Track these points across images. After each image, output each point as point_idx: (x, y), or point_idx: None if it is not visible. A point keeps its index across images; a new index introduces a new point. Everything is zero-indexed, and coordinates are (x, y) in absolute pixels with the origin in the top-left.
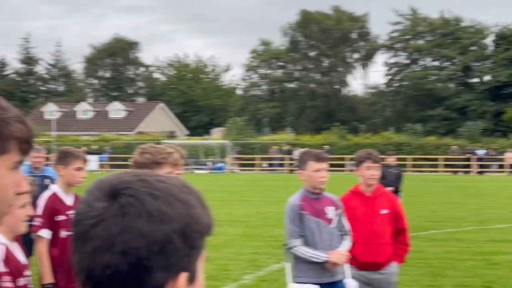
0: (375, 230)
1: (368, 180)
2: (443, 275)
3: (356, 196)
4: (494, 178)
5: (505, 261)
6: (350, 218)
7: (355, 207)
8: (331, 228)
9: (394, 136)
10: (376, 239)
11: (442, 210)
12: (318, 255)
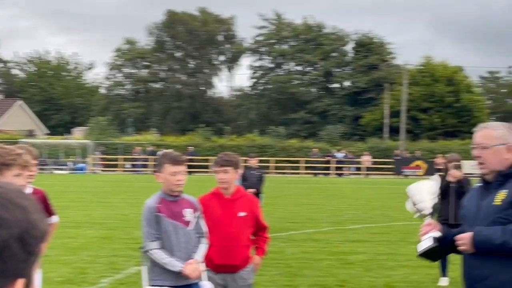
0: (232, 232)
1: (218, 183)
2: (300, 275)
3: (216, 198)
4: (351, 180)
5: (358, 260)
6: (208, 220)
7: (213, 208)
8: (189, 231)
9: (258, 139)
10: (232, 241)
11: (302, 211)
12: (172, 264)
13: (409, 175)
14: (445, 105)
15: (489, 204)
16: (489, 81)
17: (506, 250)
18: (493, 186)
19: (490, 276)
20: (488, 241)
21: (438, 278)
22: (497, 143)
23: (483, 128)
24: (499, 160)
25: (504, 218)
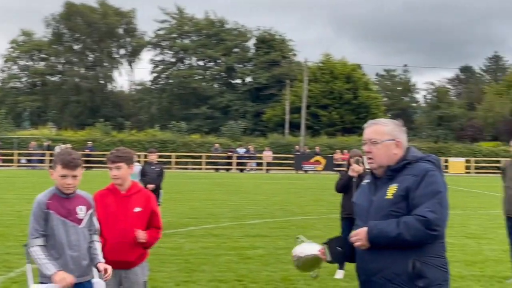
0: (126, 228)
1: (112, 179)
2: (198, 270)
3: (111, 193)
4: (252, 176)
5: (257, 255)
6: (103, 216)
7: (108, 204)
8: (80, 229)
9: (159, 134)
10: (127, 237)
11: (202, 207)
12: (46, 267)
13: (309, 170)
14: (343, 101)
15: (381, 198)
16: (385, 79)
17: (401, 242)
18: (383, 181)
19: (385, 269)
20: (383, 234)
21: (335, 270)
22: (386, 139)
23: (373, 124)
24: (388, 155)
25: (396, 211)
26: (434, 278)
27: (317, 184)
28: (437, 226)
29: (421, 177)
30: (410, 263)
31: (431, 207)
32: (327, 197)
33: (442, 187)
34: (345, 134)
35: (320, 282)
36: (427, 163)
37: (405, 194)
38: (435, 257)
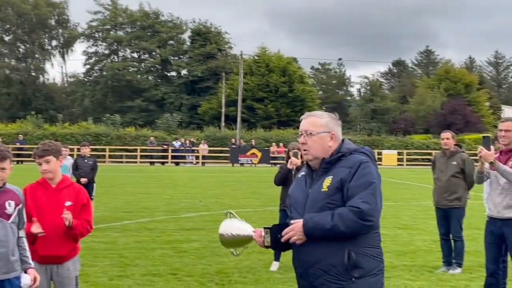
0: (57, 222)
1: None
2: (132, 264)
3: (41, 187)
4: (188, 169)
5: (192, 248)
6: (34, 210)
7: (39, 198)
8: (8, 224)
9: (93, 127)
10: (57, 231)
11: (137, 200)
12: None
13: (245, 163)
14: (279, 95)
15: (316, 191)
16: (320, 72)
17: (336, 234)
18: (318, 173)
19: (321, 261)
20: (318, 227)
21: (270, 263)
22: (321, 131)
23: (309, 116)
24: (323, 147)
25: (331, 203)
26: (369, 268)
27: (253, 177)
28: (371, 217)
29: (355, 168)
30: (345, 254)
31: (364, 198)
32: (263, 190)
33: (376, 178)
34: (281, 127)
35: (255, 274)
36: (361, 155)
37: (340, 186)
38: (370, 247)
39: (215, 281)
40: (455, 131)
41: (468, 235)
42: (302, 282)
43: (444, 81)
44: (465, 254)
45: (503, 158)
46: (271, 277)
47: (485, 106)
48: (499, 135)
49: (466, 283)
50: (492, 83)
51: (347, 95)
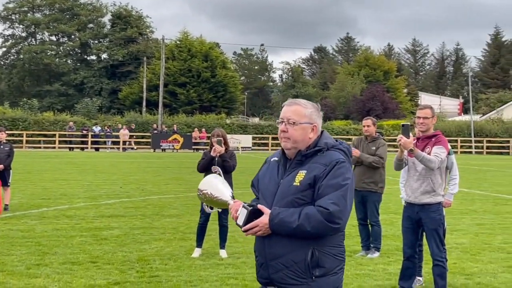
0: None
1: None
2: (51, 253)
3: None
4: (108, 155)
5: (112, 236)
6: None
7: None
8: None
9: (9, 111)
10: None
11: (56, 187)
12: None
13: (167, 149)
14: (201, 80)
15: (287, 184)
16: (243, 57)
17: (301, 233)
18: (292, 165)
19: (283, 255)
20: (284, 224)
21: (192, 249)
22: (304, 121)
23: (294, 104)
24: (303, 138)
25: (301, 199)
26: (331, 267)
27: (175, 163)
28: (338, 219)
29: (330, 167)
30: (309, 252)
31: (334, 200)
32: (185, 175)
33: (349, 180)
34: (203, 112)
35: (177, 261)
36: (338, 152)
37: (312, 183)
38: (334, 246)
39: (136, 269)
40: (375, 117)
41: (386, 219)
42: (261, 272)
43: (363, 68)
44: (383, 239)
45: (420, 145)
46: (193, 264)
47: (403, 92)
48: (417, 122)
49: (384, 266)
50: (410, 70)
51: (269, 81)
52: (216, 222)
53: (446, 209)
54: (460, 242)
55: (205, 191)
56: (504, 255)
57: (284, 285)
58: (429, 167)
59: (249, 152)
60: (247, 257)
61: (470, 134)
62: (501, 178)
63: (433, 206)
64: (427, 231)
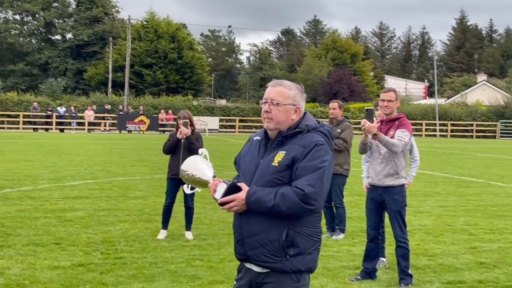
0: None
1: None
2: (14, 234)
3: None
4: (73, 136)
5: (77, 217)
6: None
7: None
8: None
9: None
10: None
11: (19, 168)
12: None
13: (133, 130)
14: (168, 61)
15: (267, 164)
16: (210, 39)
17: (276, 212)
18: (273, 145)
19: (259, 234)
20: (260, 203)
21: (157, 231)
22: (288, 103)
23: (278, 85)
24: (286, 119)
25: (279, 179)
26: (305, 247)
27: (141, 145)
28: (314, 201)
29: (309, 149)
30: (284, 232)
31: (311, 181)
32: (151, 157)
33: (326, 162)
34: (170, 94)
35: (142, 242)
36: (318, 134)
37: (291, 164)
38: (310, 227)
39: (100, 250)
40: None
41: (350, 201)
42: (238, 248)
43: (331, 51)
44: (347, 220)
45: (384, 128)
46: (158, 246)
47: (369, 76)
48: (381, 105)
49: (348, 248)
50: (377, 53)
51: (236, 63)
52: (182, 204)
53: (410, 191)
54: (423, 223)
55: (187, 171)
56: (466, 236)
57: (259, 262)
58: (393, 151)
59: (216, 134)
60: (212, 239)
61: (435, 118)
62: (464, 161)
63: (396, 188)
64: (390, 213)
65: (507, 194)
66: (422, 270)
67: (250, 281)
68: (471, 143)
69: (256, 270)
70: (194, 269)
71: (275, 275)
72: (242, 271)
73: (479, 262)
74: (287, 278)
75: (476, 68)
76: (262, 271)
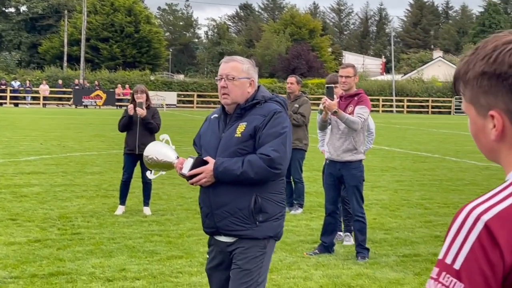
0: None
1: None
2: None
3: None
4: (28, 110)
5: (33, 193)
6: None
7: None
8: None
9: None
10: None
11: None
12: None
13: (89, 105)
14: (124, 35)
15: (229, 136)
16: (167, 13)
17: (245, 180)
18: (232, 118)
19: (228, 203)
20: (228, 172)
21: (115, 207)
22: (243, 76)
23: (231, 61)
24: (242, 92)
25: (243, 149)
26: (273, 212)
27: (97, 120)
28: (279, 165)
29: (269, 117)
30: (252, 199)
31: (275, 147)
32: (108, 132)
33: (287, 128)
34: (127, 68)
35: (99, 218)
36: (275, 103)
37: (253, 133)
38: (276, 193)
39: (57, 226)
40: (300, 75)
41: (309, 176)
42: (207, 221)
43: (289, 26)
44: (305, 195)
45: (343, 104)
46: (116, 221)
47: (327, 51)
48: (339, 81)
49: (306, 222)
50: (335, 29)
51: (194, 37)
52: (139, 180)
53: (367, 167)
54: (380, 198)
55: (151, 156)
56: (421, 210)
57: (229, 231)
58: (353, 128)
59: (173, 109)
60: (171, 214)
61: (391, 94)
62: (420, 136)
63: (354, 163)
64: (348, 188)
65: (461, 169)
66: (378, 244)
67: (222, 252)
68: (426, 118)
69: (226, 240)
70: (152, 244)
71: (243, 242)
72: (212, 244)
73: (434, 236)
74: (255, 244)
75: (432, 45)
76: (232, 240)
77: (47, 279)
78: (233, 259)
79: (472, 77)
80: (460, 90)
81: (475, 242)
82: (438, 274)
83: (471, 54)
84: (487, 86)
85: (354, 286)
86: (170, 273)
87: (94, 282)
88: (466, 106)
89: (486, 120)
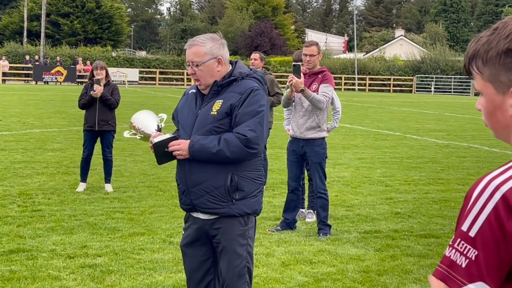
0: None
1: None
2: None
3: None
4: None
5: None
6: None
7: None
8: None
9: None
10: None
11: None
12: None
13: (49, 81)
14: (86, 10)
15: (205, 113)
16: None
17: (221, 158)
18: (209, 95)
19: (204, 181)
20: (204, 150)
21: (76, 184)
22: (207, 59)
23: (192, 46)
24: (211, 74)
25: (219, 127)
26: (250, 190)
27: (58, 96)
28: (256, 145)
29: (246, 95)
30: (228, 177)
31: (251, 126)
32: (68, 109)
33: (264, 106)
34: (88, 44)
35: (60, 195)
36: (253, 80)
37: (229, 111)
38: (252, 171)
39: (17, 203)
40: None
41: (272, 154)
42: (184, 198)
43: (252, 3)
44: (268, 172)
45: (307, 81)
46: (77, 198)
47: (290, 29)
48: (304, 60)
49: (269, 199)
50: (298, 7)
51: (156, 14)
52: (100, 157)
53: (329, 144)
54: (341, 175)
55: (134, 124)
56: (382, 188)
57: (206, 209)
58: (318, 107)
59: (135, 86)
60: (133, 191)
61: (354, 72)
62: (382, 114)
63: (317, 140)
64: (311, 165)
65: (422, 147)
66: (340, 221)
67: (199, 228)
68: (388, 97)
69: (203, 217)
70: (114, 221)
71: (223, 220)
72: (189, 220)
73: (394, 212)
74: (235, 222)
75: (394, 23)
76: (209, 218)
77: (7, 256)
78: (218, 240)
79: (494, 55)
80: (474, 70)
81: (491, 211)
82: (454, 240)
83: (491, 34)
84: (511, 63)
85: (316, 262)
86: (132, 250)
87: (55, 259)
88: (482, 85)
89: (505, 96)
